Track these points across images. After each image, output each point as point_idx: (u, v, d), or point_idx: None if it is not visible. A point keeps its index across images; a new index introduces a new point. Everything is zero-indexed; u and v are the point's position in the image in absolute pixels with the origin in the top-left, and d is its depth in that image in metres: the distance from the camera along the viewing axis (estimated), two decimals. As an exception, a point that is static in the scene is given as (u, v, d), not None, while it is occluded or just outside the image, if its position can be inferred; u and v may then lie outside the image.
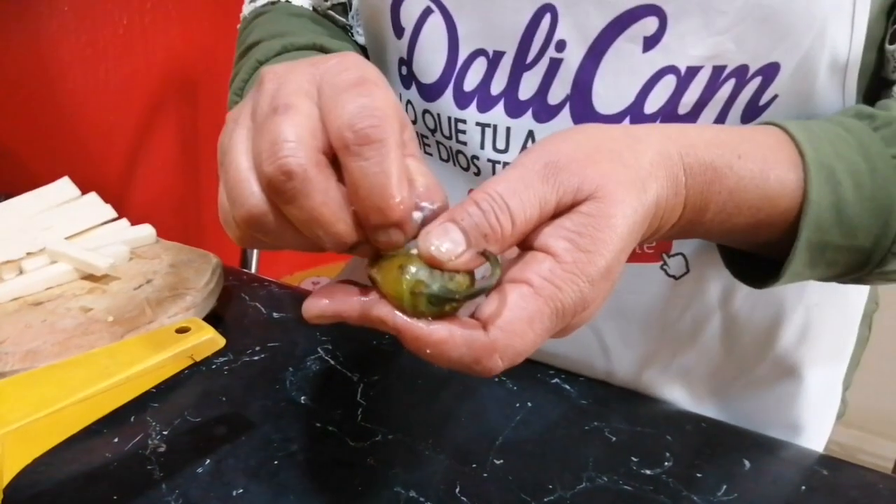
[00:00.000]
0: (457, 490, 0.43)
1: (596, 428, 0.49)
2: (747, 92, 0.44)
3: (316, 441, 0.46)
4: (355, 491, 0.42)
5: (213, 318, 0.56)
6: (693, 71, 0.44)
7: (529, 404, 0.51)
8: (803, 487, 0.44)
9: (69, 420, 0.43)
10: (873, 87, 0.47)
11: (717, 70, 0.44)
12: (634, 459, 0.46)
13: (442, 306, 0.29)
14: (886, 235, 0.38)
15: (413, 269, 0.29)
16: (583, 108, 0.47)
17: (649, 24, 0.43)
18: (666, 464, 0.45)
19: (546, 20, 0.46)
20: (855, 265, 0.40)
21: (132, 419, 0.47)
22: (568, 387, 0.53)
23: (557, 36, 0.46)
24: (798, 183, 0.37)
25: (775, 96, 0.44)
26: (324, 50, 0.54)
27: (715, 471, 0.45)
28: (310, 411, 0.49)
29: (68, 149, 1.27)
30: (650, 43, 0.44)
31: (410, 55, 0.51)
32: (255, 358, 0.54)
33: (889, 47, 0.44)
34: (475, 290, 0.29)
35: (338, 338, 0.57)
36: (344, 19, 0.62)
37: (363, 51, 0.63)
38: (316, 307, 0.31)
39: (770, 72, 0.43)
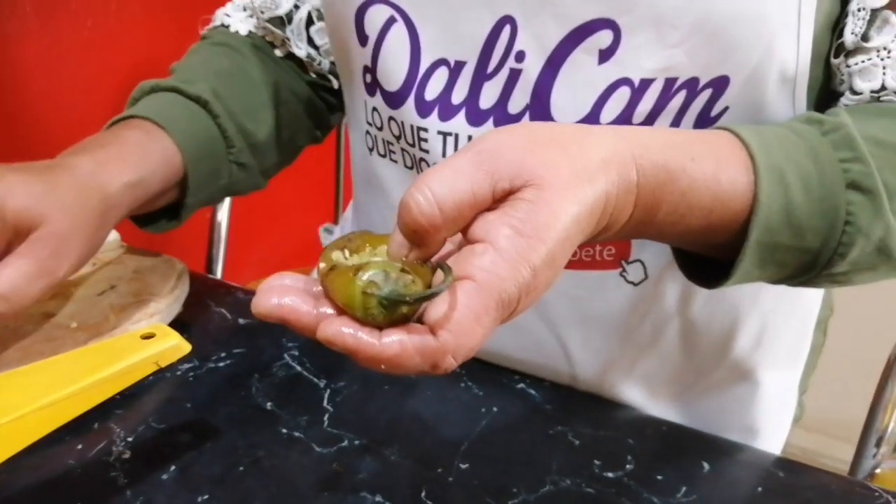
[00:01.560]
0: (422, 494, 0.43)
1: (560, 432, 0.49)
2: (698, 103, 0.45)
3: (282, 447, 0.46)
4: (321, 497, 0.43)
5: (179, 324, 0.56)
6: (646, 83, 0.45)
7: (495, 409, 0.51)
8: (760, 489, 0.46)
9: (32, 427, 0.43)
10: (824, 100, 0.48)
11: (669, 82, 0.45)
12: (597, 462, 0.47)
13: (394, 310, 0.29)
14: (833, 237, 0.40)
15: (369, 272, 0.30)
16: (542, 117, 0.48)
17: (604, 37, 0.45)
18: (627, 466, 0.46)
19: (506, 31, 0.47)
20: (803, 266, 0.41)
21: (96, 426, 0.46)
22: (533, 392, 0.54)
23: (517, 47, 0.47)
24: (749, 185, 0.38)
25: (726, 108, 0.46)
26: (179, 91, 0.58)
27: (675, 473, 0.46)
28: (276, 417, 0.49)
29: (31, 151, 1.25)
30: (605, 55, 0.45)
31: (374, 63, 0.52)
32: (221, 364, 0.54)
33: (834, 61, 0.46)
34: (427, 293, 0.30)
35: (305, 344, 0.57)
36: (281, 31, 0.64)
37: (299, 64, 0.66)
38: (265, 306, 0.31)
39: (720, 84, 0.45)
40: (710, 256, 0.43)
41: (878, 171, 0.40)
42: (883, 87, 0.44)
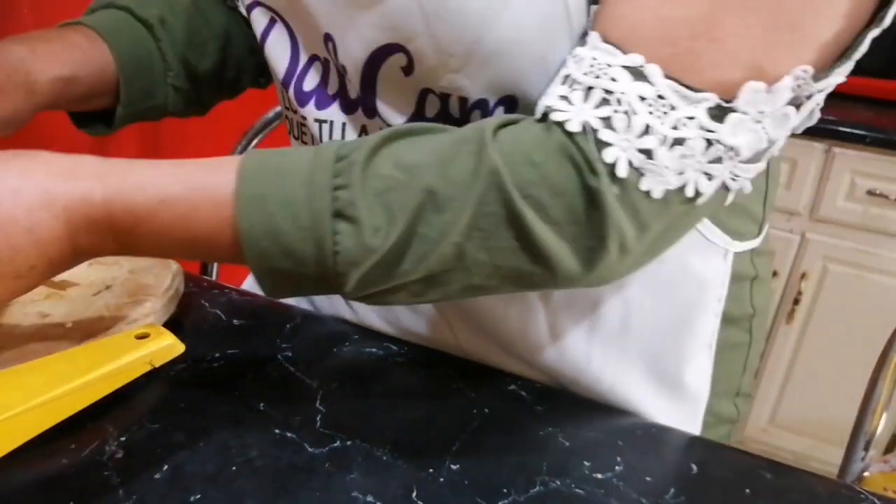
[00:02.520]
0: (413, 494, 0.43)
1: (550, 433, 0.50)
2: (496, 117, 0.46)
3: (274, 447, 0.46)
4: (313, 496, 0.43)
5: (173, 325, 0.56)
6: (446, 96, 0.47)
7: (486, 410, 0.52)
8: (748, 491, 0.46)
9: (25, 425, 0.43)
10: None
11: (462, 100, 0.47)
12: (587, 464, 0.47)
13: None
14: (327, 265, 0.40)
15: None
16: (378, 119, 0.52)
17: (401, 58, 0.47)
18: (617, 468, 0.47)
19: (331, 46, 0.50)
20: (326, 289, 0.42)
21: (90, 425, 0.47)
22: (524, 393, 0.54)
23: (339, 61, 0.50)
24: (231, 217, 0.40)
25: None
26: (130, 11, 0.63)
27: (663, 474, 0.47)
28: (268, 418, 0.49)
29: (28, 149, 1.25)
30: (407, 71, 0.48)
31: (268, 55, 0.56)
32: (215, 364, 0.54)
33: None
34: None
35: (298, 345, 0.57)
36: None
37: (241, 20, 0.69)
38: None
39: (510, 103, 0.46)
40: None
41: (385, 192, 0.39)
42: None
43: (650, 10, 0.39)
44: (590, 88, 0.39)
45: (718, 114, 0.38)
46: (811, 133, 1.49)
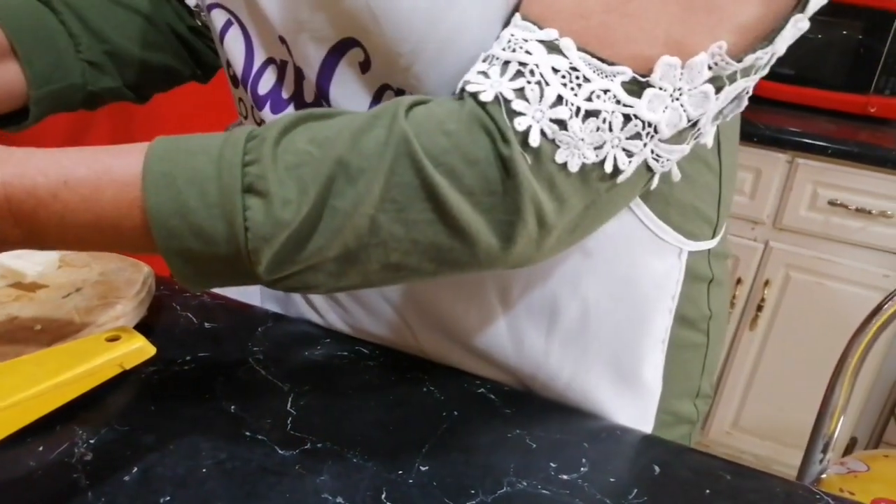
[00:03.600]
0: (383, 496, 0.44)
1: (518, 435, 0.51)
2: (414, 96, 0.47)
3: (245, 449, 0.47)
4: (283, 498, 0.43)
5: (144, 328, 0.56)
6: (402, 91, 0.48)
7: (456, 413, 0.52)
8: (707, 491, 0.47)
9: (-7, 428, 0.43)
10: None
11: None
12: (553, 465, 0.48)
13: None
14: (238, 242, 0.39)
15: None
16: None
17: (359, 53, 0.47)
18: (582, 469, 0.48)
19: (284, 49, 0.50)
20: (241, 274, 0.41)
21: (58, 428, 0.47)
22: (493, 396, 0.55)
23: (295, 63, 0.50)
24: (140, 197, 0.39)
25: None
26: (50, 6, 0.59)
27: (627, 476, 0.48)
28: (239, 420, 0.49)
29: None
30: (364, 67, 0.48)
31: (225, 57, 0.56)
32: (186, 367, 0.54)
33: None
34: None
35: (269, 348, 0.57)
36: None
37: (188, 10, 0.66)
38: None
39: None
40: None
41: (298, 166, 0.39)
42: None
43: None
44: (506, 63, 0.40)
45: (635, 88, 0.39)
46: (775, 144, 1.52)
